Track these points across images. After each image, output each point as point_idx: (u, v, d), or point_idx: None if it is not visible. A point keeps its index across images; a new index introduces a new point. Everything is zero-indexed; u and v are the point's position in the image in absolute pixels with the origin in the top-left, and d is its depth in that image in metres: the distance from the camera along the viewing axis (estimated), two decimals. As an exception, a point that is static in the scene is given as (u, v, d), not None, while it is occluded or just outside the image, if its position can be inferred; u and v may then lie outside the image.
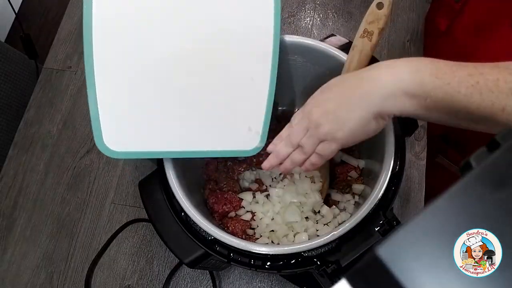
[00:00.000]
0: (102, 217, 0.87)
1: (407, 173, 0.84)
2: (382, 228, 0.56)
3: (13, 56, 1.22)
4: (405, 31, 0.98)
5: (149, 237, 0.84)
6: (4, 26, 2.03)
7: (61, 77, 1.01)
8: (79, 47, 1.04)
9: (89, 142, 0.93)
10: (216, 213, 0.71)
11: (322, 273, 0.55)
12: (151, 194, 0.63)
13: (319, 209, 0.70)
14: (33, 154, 0.93)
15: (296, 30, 1.02)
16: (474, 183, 0.27)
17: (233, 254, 0.58)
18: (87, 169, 0.91)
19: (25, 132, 0.96)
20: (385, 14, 0.61)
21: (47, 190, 0.90)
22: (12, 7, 1.21)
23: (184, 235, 0.59)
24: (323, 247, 0.55)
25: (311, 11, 1.03)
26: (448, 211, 0.27)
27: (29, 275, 0.83)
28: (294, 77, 0.76)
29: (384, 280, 0.25)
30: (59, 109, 0.97)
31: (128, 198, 0.88)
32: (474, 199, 0.27)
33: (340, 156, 0.76)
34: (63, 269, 0.83)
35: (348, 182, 0.74)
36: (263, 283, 0.79)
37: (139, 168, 0.90)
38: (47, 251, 0.85)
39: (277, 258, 0.58)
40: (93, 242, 0.85)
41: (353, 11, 1.02)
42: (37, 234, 0.86)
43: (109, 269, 0.83)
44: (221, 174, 0.76)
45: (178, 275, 0.81)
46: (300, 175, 0.73)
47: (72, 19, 1.07)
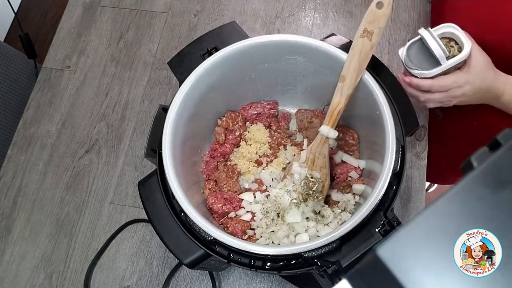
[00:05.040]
0: (101, 218, 0.86)
1: (407, 173, 0.84)
2: (383, 228, 0.55)
3: (12, 55, 1.22)
4: (406, 30, 0.98)
5: (149, 237, 0.84)
6: (3, 25, 2.03)
7: (60, 76, 1.00)
8: (78, 46, 1.03)
9: (88, 142, 0.93)
10: (216, 214, 0.71)
11: (323, 274, 0.55)
12: (150, 194, 0.63)
13: (320, 210, 0.70)
14: (32, 154, 0.93)
15: (296, 29, 1.01)
16: (475, 183, 0.27)
17: (233, 254, 0.58)
18: (86, 169, 0.91)
19: (24, 132, 0.96)
20: (385, 14, 0.61)
21: (46, 190, 0.90)
22: (11, 7, 1.21)
23: (184, 235, 0.59)
24: (323, 247, 0.55)
25: (311, 11, 1.03)
26: (448, 211, 0.26)
27: (28, 276, 0.83)
28: (294, 77, 0.76)
29: (384, 280, 0.25)
30: (58, 109, 0.97)
31: (128, 198, 0.88)
32: (474, 199, 0.27)
33: (340, 156, 0.76)
34: (62, 270, 0.83)
35: (349, 182, 0.74)
36: (263, 283, 0.79)
37: (139, 168, 0.90)
38: (46, 252, 0.85)
39: (277, 258, 0.58)
40: (92, 243, 0.85)
41: (354, 10, 1.02)
42: (36, 234, 0.86)
43: (108, 269, 0.82)
44: (221, 174, 0.75)
45: (178, 275, 0.81)
46: (300, 175, 0.72)
47: (71, 19, 1.07)
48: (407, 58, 0.67)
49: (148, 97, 0.97)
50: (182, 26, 1.04)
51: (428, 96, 0.69)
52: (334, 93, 0.67)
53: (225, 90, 0.74)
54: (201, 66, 0.67)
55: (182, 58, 0.71)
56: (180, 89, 0.66)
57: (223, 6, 1.05)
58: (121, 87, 0.98)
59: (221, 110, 0.78)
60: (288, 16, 1.03)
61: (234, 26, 0.73)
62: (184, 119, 0.67)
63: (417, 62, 0.66)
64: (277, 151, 0.78)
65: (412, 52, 0.67)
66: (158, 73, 0.99)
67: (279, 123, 0.81)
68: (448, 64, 0.64)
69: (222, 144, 0.78)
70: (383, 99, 0.62)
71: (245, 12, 1.04)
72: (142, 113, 0.95)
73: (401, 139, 0.62)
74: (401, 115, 0.64)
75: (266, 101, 0.81)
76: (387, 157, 0.58)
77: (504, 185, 0.26)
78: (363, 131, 0.75)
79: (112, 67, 1.00)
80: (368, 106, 0.65)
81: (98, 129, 0.94)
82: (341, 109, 0.66)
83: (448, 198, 0.26)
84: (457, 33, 0.65)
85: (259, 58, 0.71)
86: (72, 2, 1.09)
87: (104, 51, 1.02)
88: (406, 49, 0.67)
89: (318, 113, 0.79)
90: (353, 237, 0.56)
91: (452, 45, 0.66)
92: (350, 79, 0.64)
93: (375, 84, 0.63)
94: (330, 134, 0.68)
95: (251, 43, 0.68)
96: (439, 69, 0.65)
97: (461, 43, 0.64)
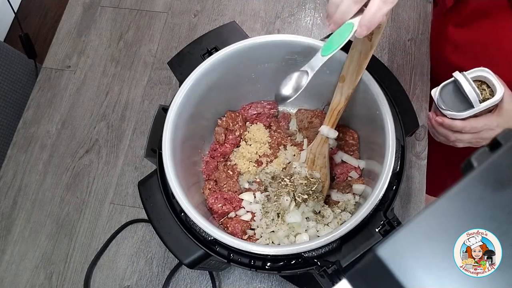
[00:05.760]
0: (101, 218, 0.86)
1: (407, 173, 0.84)
2: (383, 228, 0.55)
3: (12, 55, 1.22)
4: (406, 30, 0.98)
5: (149, 237, 0.84)
6: (3, 25, 2.03)
7: (60, 76, 1.00)
8: (78, 46, 1.03)
9: (88, 142, 0.93)
10: (216, 214, 0.71)
11: (323, 274, 0.55)
12: (150, 194, 0.63)
13: (320, 210, 0.70)
14: (32, 154, 0.93)
15: (296, 29, 1.01)
16: (475, 183, 0.27)
17: (233, 254, 0.58)
18: (86, 169, 0.91)
19: (24, 132, 0.96)
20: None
21: (46, 190, 0.90)
22: (11, 7, 1.21)
23: (184, 235, 0.59)
24: (323, 247, 0.55)
25: (311, 11, 1.03)
26: (448, 211, 0.26)
27: (28, 276, 0.83)
28: (294, 77, 0.75)
29: (384, 280, 0.25)
30: (58, 109, 0.97)
31: (127, 198, 0.88)
32: (474, 199, 0.27)
33: (340, 156, 0.76)
34: (62, 270, 0.83)
35: (349, 182, 0.74)
36: (263, 283, 0.79)
37: (139, 168, 0.90)
38: (46, 252, 0.85)
39: (277, 258, 0.58)
40: (92, 243, 0.85)
41: (353, 10, 1.02)
42: (36, 234, 0.86)
43: (108, 269, 0.82)
44: (221, 174, 0.75)
45: (178, 275, 0.81)
46: (299, 175, 0.72)
47: (71, 19, 1.07)
48: (440, 99, 0.69)
49: (148, 97, 0.97)
50: (182, 26, 1.03)
51: (459, 137, 0.71)
52: (334, 93, 0.67)
53: (225, 90, 0.74)
54: (201, 66, 0.67)
55: (182, 58, 0.71)
56: (180, 89, 0.66)
57: (223, 6, 1.05)
58: (121, 87, 0.98)
59: (221, 110, 0.78)
60: (288, 16, 1.03)
61: (234, 26, 0.73)
62: (184, 119, 0.67)
63: (450, 103, 0.68)
64: (277, 151, 0.78)
65: (445, 93, 0.69)
66: (158, 73, 0.99)
67: (279, 123, 0.81)
68: (481, 107, 0.66)
69: (222, 144, 0.78)
70: (383, 99, 0.62)
71: (245, 12, 1.04)
72: (142, 113, 0.95)
73: (401, 139, 0.62)
74: (401, 115, 0.64)
75: (266, 101, 0.81)
76: (387, 157, 0.59)
77: (504, 185, 0.26)
78: (363, 131, 0.75)
79: (112, 67, 1.00)
80: (368, 106, 0.65)
81: (98, 129, 0.94)
82: (341, 109, 0.66)
83: (448, 198, 0.26)
84: (490, 77, 0.67)
85: (259, 58, 0.71)
86: (72, 2, 1.09)
87: (104, 51, 1.02)
88: (439, 90, 0.69)
89: (318, 113, 0.79)
90: (353, 237, 0.56)
91: (484, 88, 0.68)
92: (350, 79, 0.64)
93: (375, 84, 0.63)
94: (330, 134, 0.68)
95: (251, 43, 0.68)
96: (471, 111, 0.66)
97: (493, 86, 0.66)
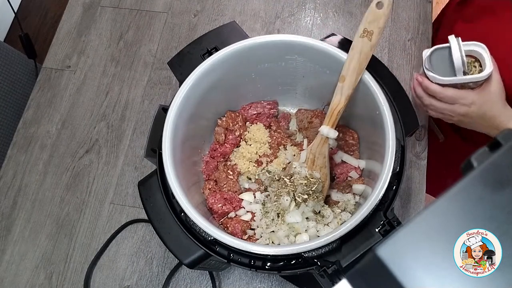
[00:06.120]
0: (101, 218, 0.86)
1: (407, 173, 0.84)
2: (383, 228, 0.55)
3: (12, 55, 1.22)
4: (406, 30, 0.98)
5: (149, 237, 0.84)
6: (3, 25, 2.03)
7: (60, 76, 1.00)
8: (78, 46, 1.03)
9: (88, 142, 0.93)
10: (216, 214, 0.71)
11: (323, 274, 0.55)
12: (150, 194, 0.63)
13: (320, 210, 0.70)
14: (32, 154, 0.93)
15: (296, 29, 1.01)
16: (475, 183, 0.27)
17: (233, 254, 0.58)
18: (86, 169, 0.91)
19: (24, 132, 0.96)
20: (384, 14, 0.61)
21: (46, 190, 0.90)
22: (11, 7, 1.21)
23: (184, 235, 0.59)
24: (323, 247, 0.55)
25: (311, 11, 1.03)
26: (448, 211, 0.26)
27: (28, 276, 0.83)
28: (294, 77, 0.76)
29: (384, 280, 0.25)
30: (58, 109, 0.97)
31: (127, 199, 0.88)
32: (474, 199, 0.26)
33: (340, 156, 0.76)
34: (62, 270, 0.83)
35: (349, 182, 0.74)
36: (263, 283, 0.79)
37: (139, 168, 0.90)
38: (46, 252, 0.85)
39: (277, 258, 0.58)
40: (92, 243, 0.85)
41: (354, 10, 1.02)
42: (36, 234, 0.86)
43: (108, 269, 0.82)
44: (221, 174, 0.75)
45: (178, 275, 0.81)
46: (299, 175, 0.72)
47: (71, 19, 1.07)
48: (428, 59, 0.68)
49: (148, 97, 0.97)
50: (182, 26, 1.03)
51: (433, 102, 0.70)
52: (334, 93, 0.67)
53: (225, 90, 0.74)
54: (201, 66, 0.67)
55: (182, 58, 0.71)
56: (180, 89, 0.66)
57: (223, 6, 1.05)
58: (121, 87, 0.98)
59: (221, 110, 0.78)
60: (288, 16, 1.03)
61: (234, 26, 0.73)
62: (184, 119, 0.67)
63: (435, 67, 0.67)
64: (277, 151, 0.78)
65: (435, 56, 0.68)
66: (158, 73, 0.99)
67: (279, 123, 0.81)
68: (462, 79, 0.64)
69: (222, 144, 0.78)
70: (383, 99, 0.62)
71: (245, 12, 1.04)
72: (142, 113, 0.95)
73: (401, 139, 0.62)
74: (401, 115, 0.64)
75: (266, 101, 0.81)
76: (387, 157, 0.58)
77: (504, 185, 0.26)
78: (363, 131, 0.75)
79: (112, 67, 1.00)
80: (368, 106, 0.65)
81: (98, 129, 0.94)
82: (341, 109, 0.66)
83: (448, 198, 0.26)
84: (484, 55, 0.65)
85: (259, 58, 0.71)
86: (72, 2, 1.09)
87: (104, 51, 1.02)
88: (431, 51, 0.68)
89: (318, 113, 0.79)
90: (353, 237, 0.56)
91: (475, 66, 0.67)
92: (350, 79, 0.64)
93: (375, 84, 0.63)
94: (330, 134, 0.68)
95: (251, 43, 0.68)
96: (452, 79, 0.65)
97: (484, 65, 0.64)
